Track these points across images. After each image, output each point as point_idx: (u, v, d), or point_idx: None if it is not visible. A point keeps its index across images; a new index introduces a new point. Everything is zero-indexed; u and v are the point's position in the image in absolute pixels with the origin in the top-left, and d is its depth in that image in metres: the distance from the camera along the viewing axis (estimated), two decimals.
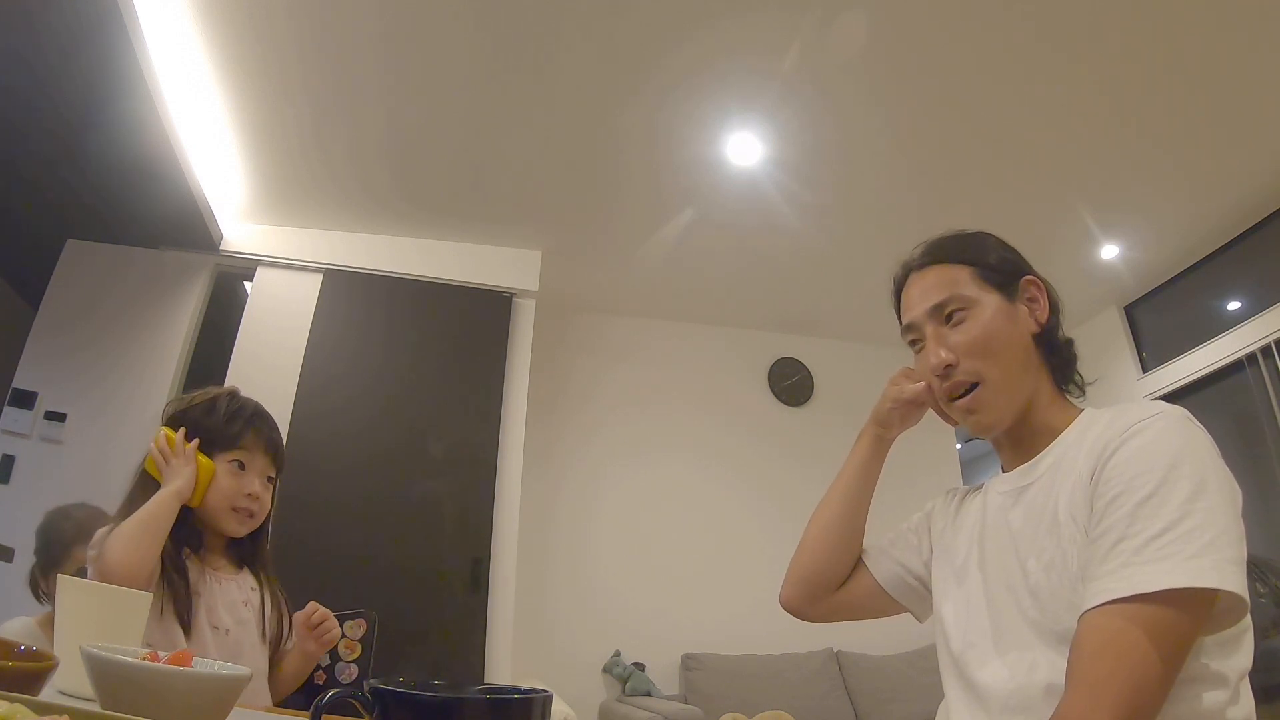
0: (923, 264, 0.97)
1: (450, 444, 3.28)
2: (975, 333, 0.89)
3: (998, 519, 0.89)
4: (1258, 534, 3.33)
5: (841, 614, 1.08)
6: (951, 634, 0.89)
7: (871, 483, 1.07)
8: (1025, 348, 0.89)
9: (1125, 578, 0.67)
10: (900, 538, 1.07)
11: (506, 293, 3.60)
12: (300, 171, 3.17)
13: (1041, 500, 0.83)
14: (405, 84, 2.72)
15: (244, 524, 1.19)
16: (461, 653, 3.00)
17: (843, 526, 1.06)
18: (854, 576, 1.07)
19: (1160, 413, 0.76)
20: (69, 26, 2.18)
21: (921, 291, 0.94)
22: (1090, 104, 2.70)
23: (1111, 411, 0.83)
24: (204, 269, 3.37)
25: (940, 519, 1.02)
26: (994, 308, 0.90)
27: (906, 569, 1.03)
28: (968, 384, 0.89)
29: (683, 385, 4.35)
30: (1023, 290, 0.92)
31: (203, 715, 0.59)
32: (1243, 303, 3.51)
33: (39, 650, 0.63)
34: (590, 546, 3.93)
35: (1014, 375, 0.88)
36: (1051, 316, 0.92)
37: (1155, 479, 0.70)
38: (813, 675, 3.63)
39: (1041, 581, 0.78)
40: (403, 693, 0.50)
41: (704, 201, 3.33)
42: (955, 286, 0.91)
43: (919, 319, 0.94)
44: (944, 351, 0.89)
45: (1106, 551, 0.70)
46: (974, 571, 0.89)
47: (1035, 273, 0.94)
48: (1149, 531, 0.68)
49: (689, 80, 2.66)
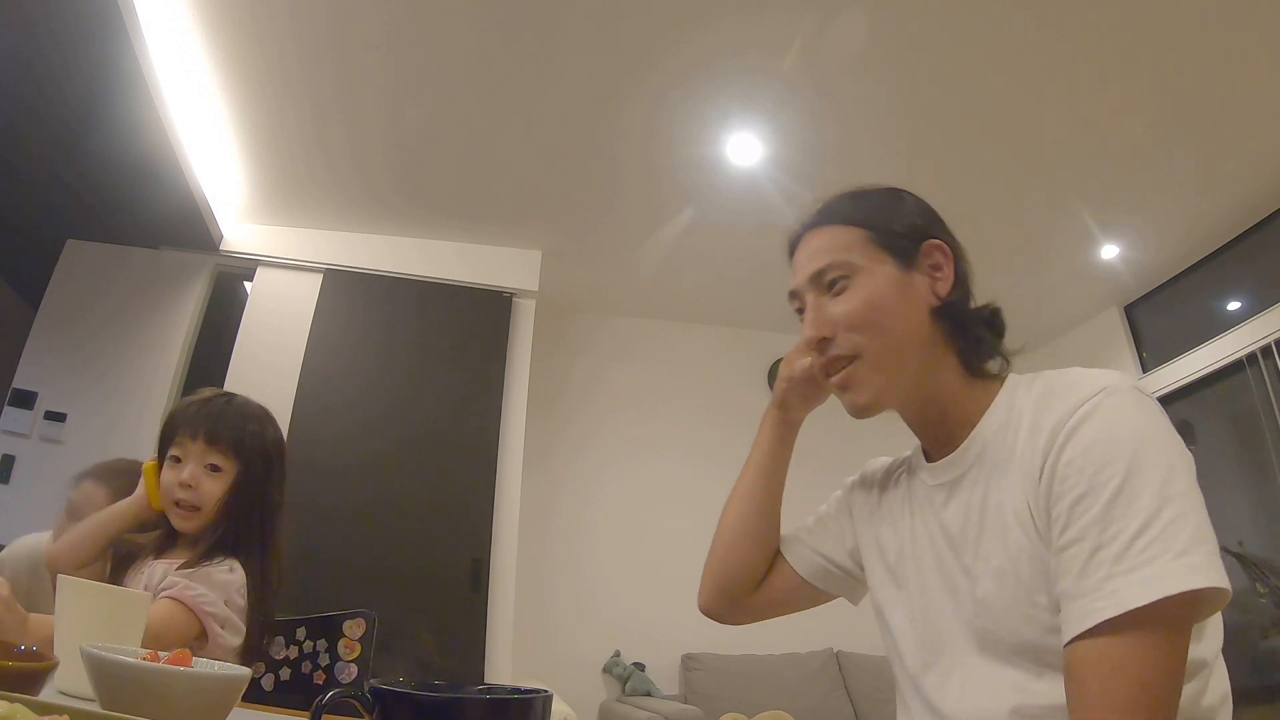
0: (815, 224, 0.87)
1: (450, 444, 3.28)
2: (854, 303, 0.79)
3: (929, 518, 0.80)
4: (1258, 534, 3.33)
5: (766, 612, 1.00)
6: (904, 650, 0.81)
7: (781, 471, 0.99)
8: (918, 322, 0.79)
9: (1111, 593, 0.59)
10: (819, 525, 0.98)
11: (506, 293, 3.60)
12: (300, 171, 3.17)
13: (978, 498, 0.74)
14: (405, 84, 2.72)
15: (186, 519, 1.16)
16: (461, 653, 3.00)
17: (754, 522, 0.97)
18: (773, 571, 0.98)
19: (1106, 387, 0.67)
20: (69, 27, 2.18)
21: (807, 256, 0.85)
22: (1091, 104, 2.70)
23: (1042, 383, 0.74)
24: (204, 269, 3.37)
25: (861, 504, 0.93)
26: (883, 276, 0.80)
27: (828, 559, 0.94)
28: (845, 359, 0.80)
29: (683, 385, 4.36)
30: (925, 257, 0.81)
31: (203, 715, 0.59)
32: (1243, 303, 3.51)
33: (39, 650, 0.63)
34: (590, 546, 3.93)
35: (899, 351, 0.78)
36: (958, 288, 0.81)
37: (1121, 470, 0.62)
38: (813, 675, 3.64)
39: (992, 590, 0.70)
40: (403, 693, 0.50)
41: (704, 202, 3.33)
42: (842, 251, 0.81)
43: (800, 286, 0.85)
44: (816, 326, 0.81)
45: (1084, 564, 0.61)
46: (912, 575, 0.81)
47: (946, 237, 0.83)
48: (1127, 532, 0.60)
49: (689, 80, 2.66)
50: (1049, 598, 0.66)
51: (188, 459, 1.18)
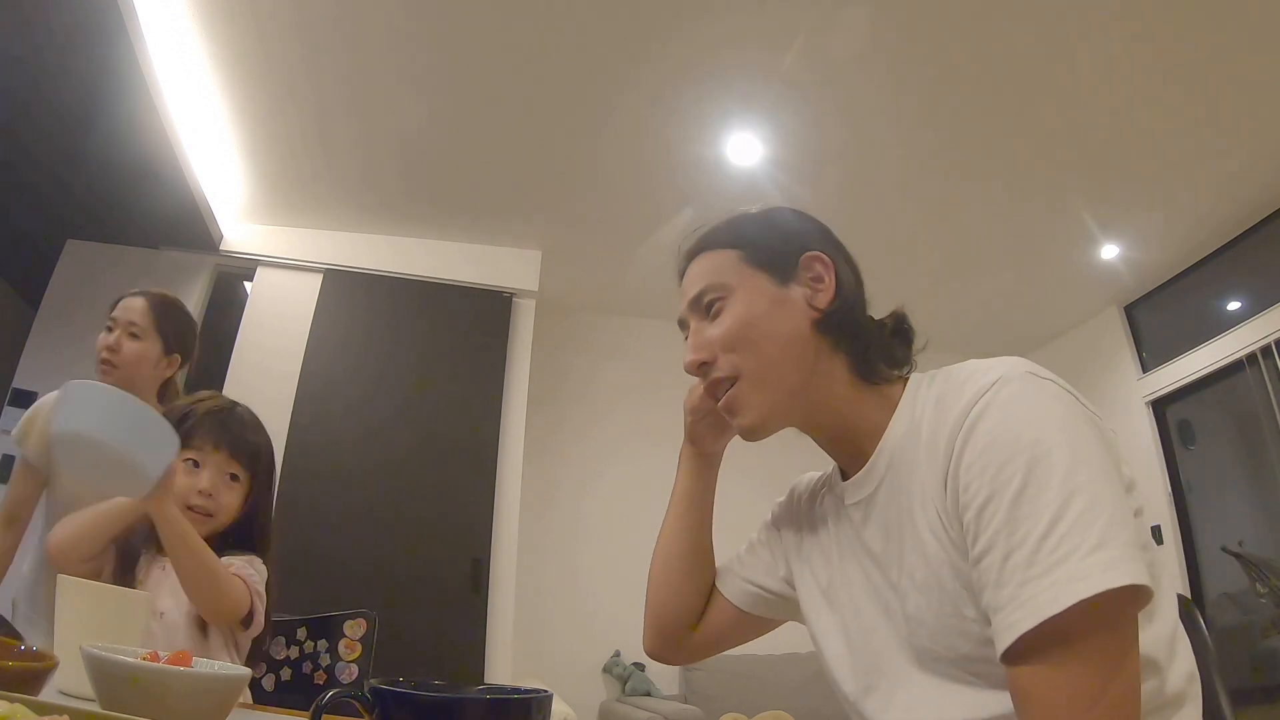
0: (695, 250, 0.85)
1: (450, 445, 3.28)
2: (729, 324, 0.77)
3: (851, 538, 0.78)
4: (1258, 534, 3.33)
5: (711, 648, 0.97)
6: (842, 677, 0.77)
7: (705, 506, 0.96)
8: (797, 335, 0.77)
9: (1026, 601, 0.55)
10: (750, 554, 0.95)
11: (506, 293, 3.60)
12: (300, 171, 3.18)
13: (894, 513, 0.71)
14: (405, 85, 2.72)
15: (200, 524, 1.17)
16: (461, 653, 3.00)
17: (682, 562, 0.95)
18: (710, 607, 0.96)
19: (1000, 378, 0.63)
20: (68, 27, 2.18)
21: (686, 284, 0.84)
22: (1091, 104, 2.70)
23: (940, 381, 0.71)
24: (204, 269, 3.37)
25: (790, 526, 0.90)
26: (757, 293, 0.78)
27: (761, 588, 0.91)
28: (726, 380, 0.78)
29: (683, 385, 4.33)
30: (804, 270, 0.79)
31: (203, 715, 0.59)
32: (1243, 303, 3.51)
33: (39, 650, 0.63)
34: (591, 547, 3.93)
35: (778, 369, 0.76)
36: (838, 297, 0.78)
37: (1023, 465, 0.58)
38: (813, 675, 3.63)
39: (921, 606, 0.67)
40: (403, 693, 0.50)
41: (704, 202, 3.32)
42: (715, 274, 0.80)
43: (683, 313, 0.84)
44: (695, 350, 0.79)
45: (998, 574, 0.57)
46: (843, 597, 0.78)
47: (827, 248, 0.81)
48: (1035, 533, 0.56)
49: (689, 80, 2.67)
50: (976, 610, 0.62)
51: (206, 466, 1.20)
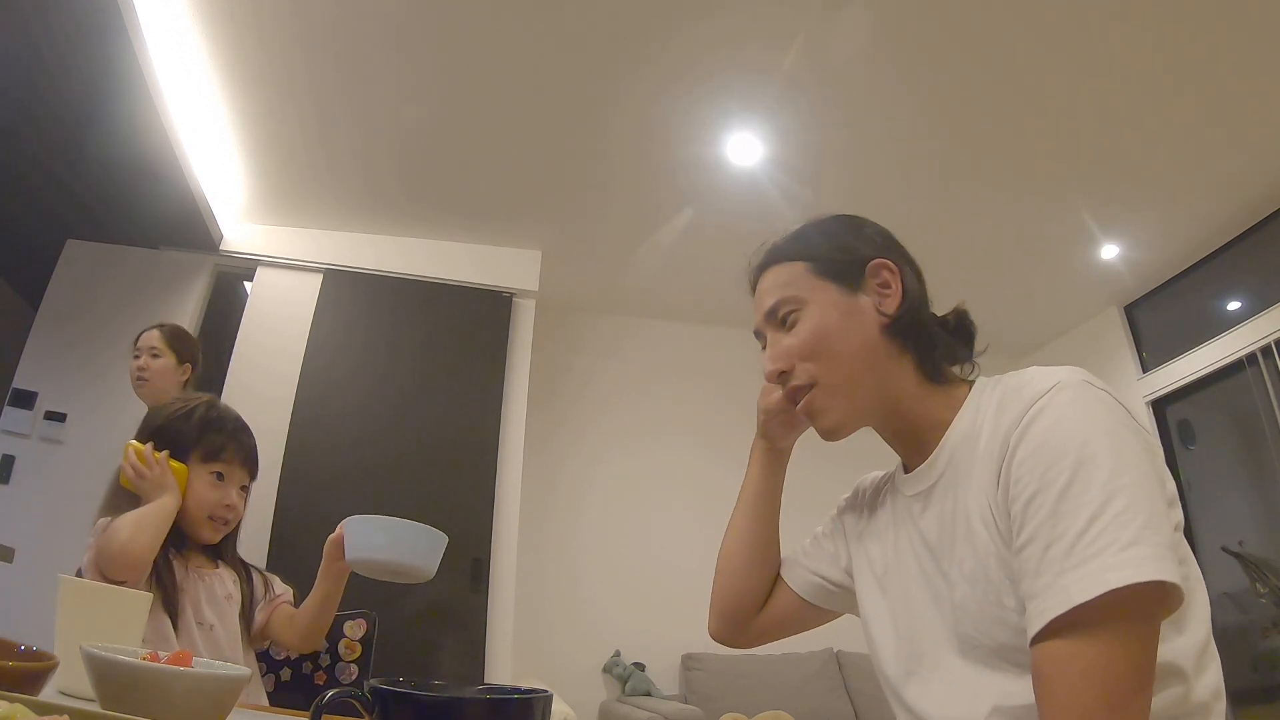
0: (764, 264, 0.91)
1: (450, 445, 3.28)
2: (804, 334, 0.83)
3: (909, 528, 0.83)
4: (1258, 534, 3.33)
5: (773, 634, 1.02)
6: (885, 659, 0.83)
7: (774, 498, 1.02)
8: (869, 341, 0.82)
9: (1060, 590, 0.59)
10: (815, 546, 1.00)
11: (506, 293, 3.60)
12: (301, 171, 3.17)
13: (950, 505, 0.76)
14: (405, 84, 2.72)
15: (219, 531, 1.26)
16: (461, 653, 3.00)
17: (752, 549, 1.01)
18: (774, 594, 1.01)
19: (1058, 383, 0.68)
20: (68, 27, 2.18)
21: (759, 296, 0.90)
22: (1091, 104, 2.70)
23: (1004, 384, 0.76)
24: (204, 269, 3.37)
25: (853, 521, 0.96)
26: (828, 303, 0.83)
27: (824, 578, 0.96)
28: (804, 387, 0.83)
29: (684, 385, 4.35)
30: (871, 277, 0.84)
31: (203, 715, 0.59)
32: (1243, 303, 3.51)
33: (39, 650, 0.63)
34: (591, 547, 3.93)
35: (853, 374, 0.81)
36: (904, 302, 0.83)
37: (1070, 464, 0.63)
38: (813, 675, 3.63)
39: (967, 595, 0.72)
40: (403, 693, 0.50)
41: (703, 202, 3.33)
42: (787, 287, 0.86)
43: (759, 325, 0.90)
44: (773, 360, 0.85)
45: (1038, 563, 0.62)
46: (896, 584, 0.83)
47: (891, 254, 0.85)
48: (1076, 526, 0.60)
49: (689, 80, 2.66)
50: (1016, 599, 0.66)
51: (231, 481, 1.26)
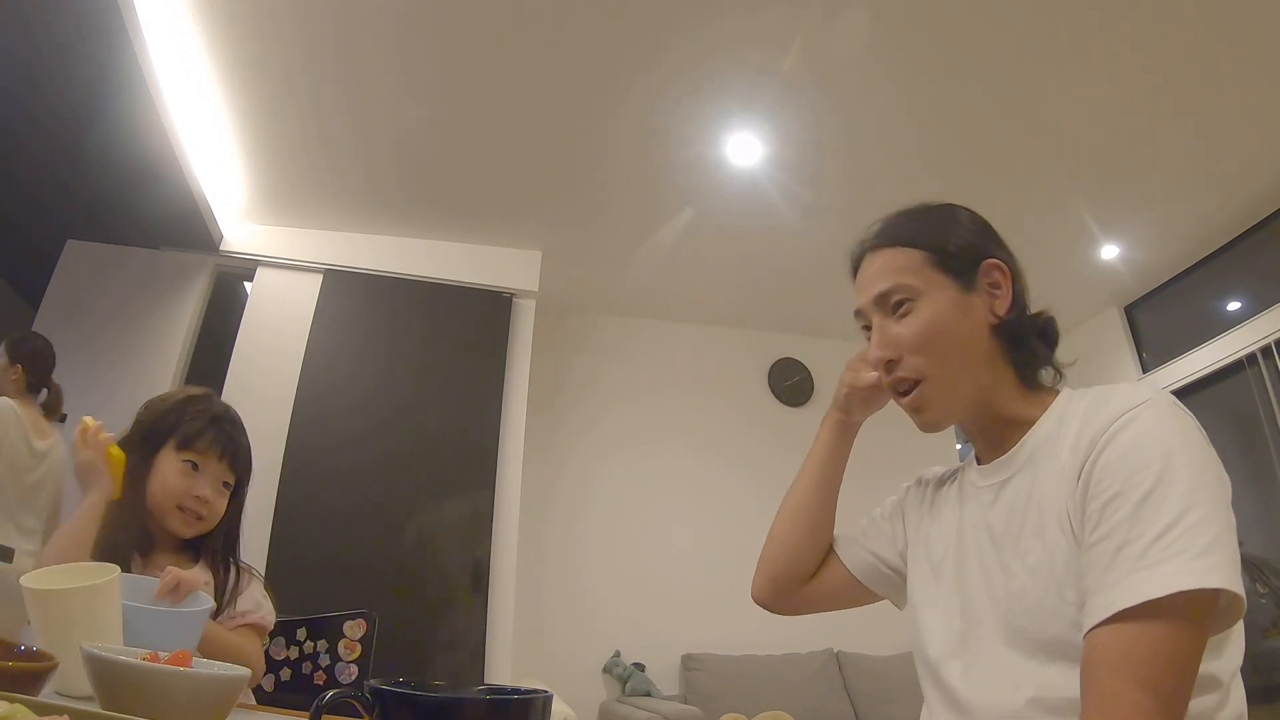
0: (876, 245, 0.90)
1: (450, 445, 3.28)
2: (918, 327, 0.82)
3: (976, 516, 0.84)
4: (1258, 534, 3.33)
5: (815, 605, 1.03)
6: (928, 640, 0.84)
7: (839, 470, 1.03)
8: (979, 342, 0.83)
9: (1131, 586, 0.62)
10: (873, 526, 1.02)
11: (506, 293, 3.60)
12: (301, 171, 3.17)
13: (1023, 498, 0.78)
14: (405, 84, 2.72)
15: (190, 525, 1.17)
16: (461, 653, 3.00)
17: (810, 516, 1.02)
18: (826, 567, 1.02)
19: (1148, 400, 0.70)
20: (68, 27, 2.18)
21: (870, 277, 0.89)
22: (1091, 104, 2.70)
23: (1092, 395, 0.78)
24: (204, 269, 3.37)
25: (914, 507, 0.97)
26: (944, 299, 0.83)
27: (880, 559, 0.98)
28: (911, 380, 0.84)
29: (684, 386, 4.35)
30: (983, 276, 0.84)
31: (203, 715, 0.59)
32: (1243, 303, 3.51)
33: (39, 650, 0.63)
34: (591, 547, 3.93)
35: (962, 372, 0.82)
36: (1014, 305, 0.84)
37: (1153, 474, 0.65)
38: (813, 676, 3.63)
39: (1027, 585, 0.73)
40: (403, 693, 0.50)
41: (704, 202, 3.33)
42: (903, 274, 0.85)
43: (865, 306, 0.89)
44: (882, 347, 0.85)
45: (1110, 560, 0.65)
46: (951, 571, 0.85)
47: (1001, 255, 0.86)
48: (1152, 531, 0.63)
49: (689, 80, 2.66)
50: (1077, 593, 0.69)
51: (205, 472, 1.18)
